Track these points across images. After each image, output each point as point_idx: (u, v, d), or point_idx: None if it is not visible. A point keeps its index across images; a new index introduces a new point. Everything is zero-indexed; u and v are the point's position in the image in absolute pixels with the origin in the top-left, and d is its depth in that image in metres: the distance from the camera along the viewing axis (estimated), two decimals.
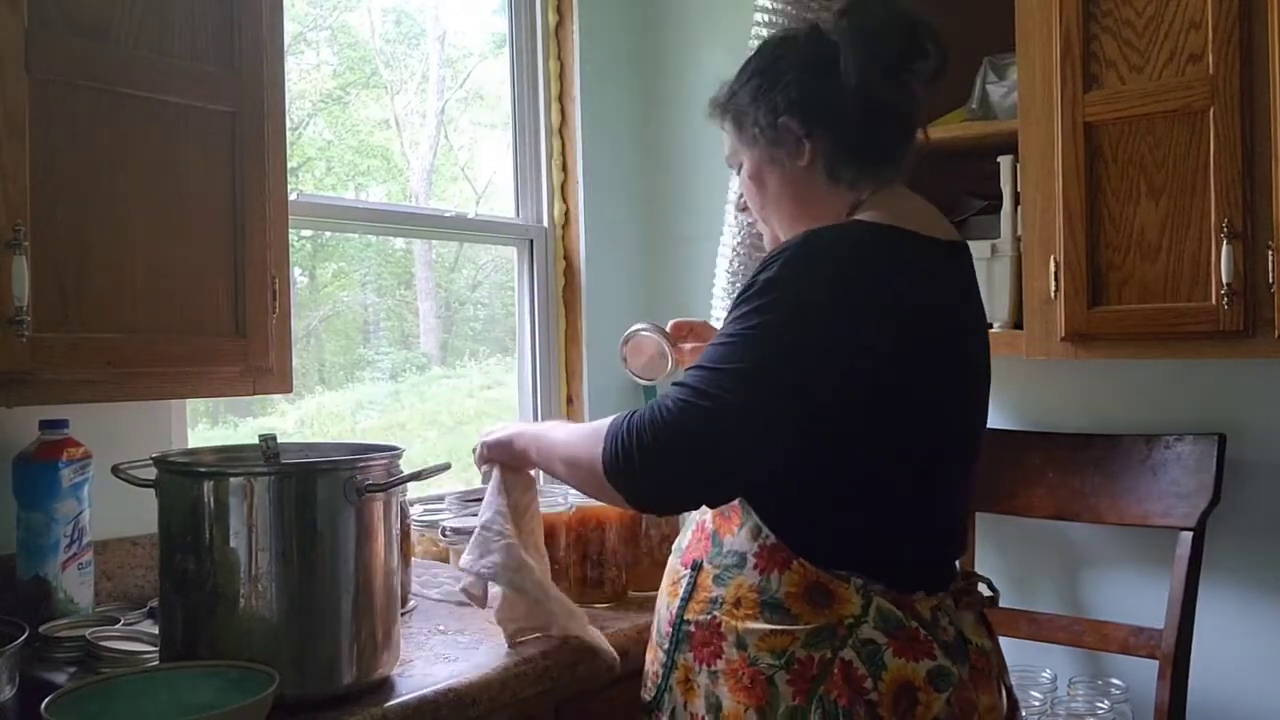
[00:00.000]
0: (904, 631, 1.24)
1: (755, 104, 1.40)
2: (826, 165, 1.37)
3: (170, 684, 1.23)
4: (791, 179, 1.39)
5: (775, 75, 1.40)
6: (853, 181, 1.37)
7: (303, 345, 2.46)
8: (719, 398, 1.19)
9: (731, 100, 1.44)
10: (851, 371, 1.22)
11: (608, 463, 1.23)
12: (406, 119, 2.69)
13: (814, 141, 1.36)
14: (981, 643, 1.32)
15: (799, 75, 1.38)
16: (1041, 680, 2.22)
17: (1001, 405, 2.44)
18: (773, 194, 1.42)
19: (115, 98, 1.44)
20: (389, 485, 1.36)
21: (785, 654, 1.24)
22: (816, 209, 1.37)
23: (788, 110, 1.37)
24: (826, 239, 1.27)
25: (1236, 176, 1.80)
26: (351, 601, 1.32)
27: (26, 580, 1.56)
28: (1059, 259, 1.98)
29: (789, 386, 1.21)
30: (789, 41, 1.43)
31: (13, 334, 1.32)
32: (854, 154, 1.36)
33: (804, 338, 1.21)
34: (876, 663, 1.22)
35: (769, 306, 1.22)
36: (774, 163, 1.40)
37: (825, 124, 1.36)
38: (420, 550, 2.09)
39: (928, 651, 1.24)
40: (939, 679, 1.23)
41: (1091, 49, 1.95)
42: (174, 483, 1.33)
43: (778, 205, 1.42)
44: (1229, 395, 2.15)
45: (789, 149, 1.38)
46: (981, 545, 2.37)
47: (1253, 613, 2.14)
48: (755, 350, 1.20)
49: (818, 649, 1.23)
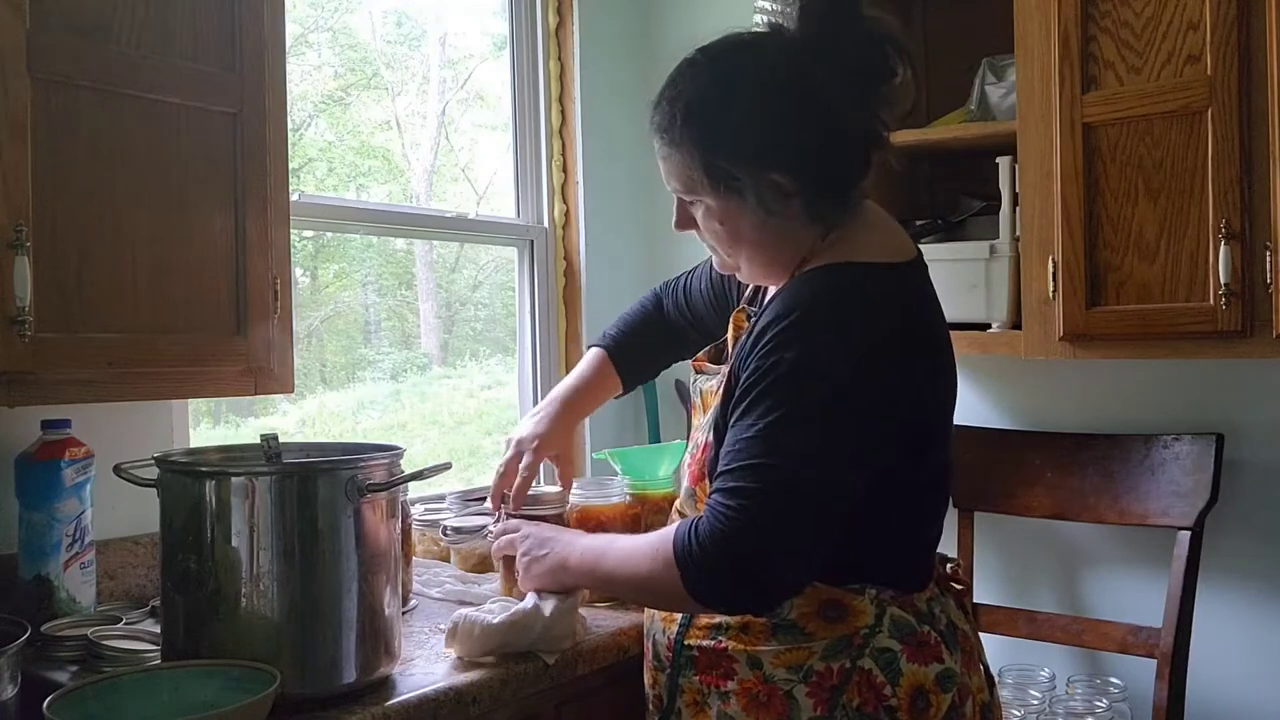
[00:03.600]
0: (915, 637, 1.27)
1: (728, 155, 1.28)
2: (808, 209, 1.31)
3: (172, 683, 1.23)
4: (769, 224, 1.32)
5: (749, 118, 1.27)
6: (832, 220, 1.33)
7: (304, 345, 2.46)
8: (797, 486, 1.17)
9: (687, 127, 1.29)
10: (890, 422, 1.24)
11: (699, 583, 1.20)
12: (407, 120, 2.69)
13: (802, 193, 1.29)
14: (965, 627, 1.36)
15: (781, 122, 1.27)
16: (1040, 679, 2.22)
17: (1000, 405, 2.45)
18: (747, 238, 1.34)
19: (116, 98, 1.45)
20: (390, 485, 1.36)
21: (803, 667, 1.25)
22: (790, 247, 1.34)
23: (777, 167, 1.28)
24: (830, 299, 1.25)
25: (1234, 177, 1.80)
26: (353, 601, 1.33)
27: (28, 580, 1.57)
28: (1057, 259, 1.98)
29: (854, 456, 1.21)
30: (758, 66, 1.30)
31: (15, 334, 1.32)
32: (836, 195, 1.32)
33: (854, 405, 1.20)
34: (894, 670, 1.25)
35: (805, 385, 1.19)
36: (755, 214, 1.31)
37: (812, 171, 1.29)
38: (421, 550, 2.10)
39: (936, 655, 1.27)
40: (945, 680, 1.27)
41: (1090, 50, 1.95)
42: (176, 482, 1.33)
43: (754, 248, 1.35)
44: (1227, 395, 2.16)
45: (772, 201, 1.29)
46: (981, 545, 2.37)
47: (1251, 611, 2.15)
48: (812, 431, 1.18)
49: (836, 659, 1.25)
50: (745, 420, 1.21)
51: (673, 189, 1.37)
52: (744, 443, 1.19)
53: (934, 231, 2.35)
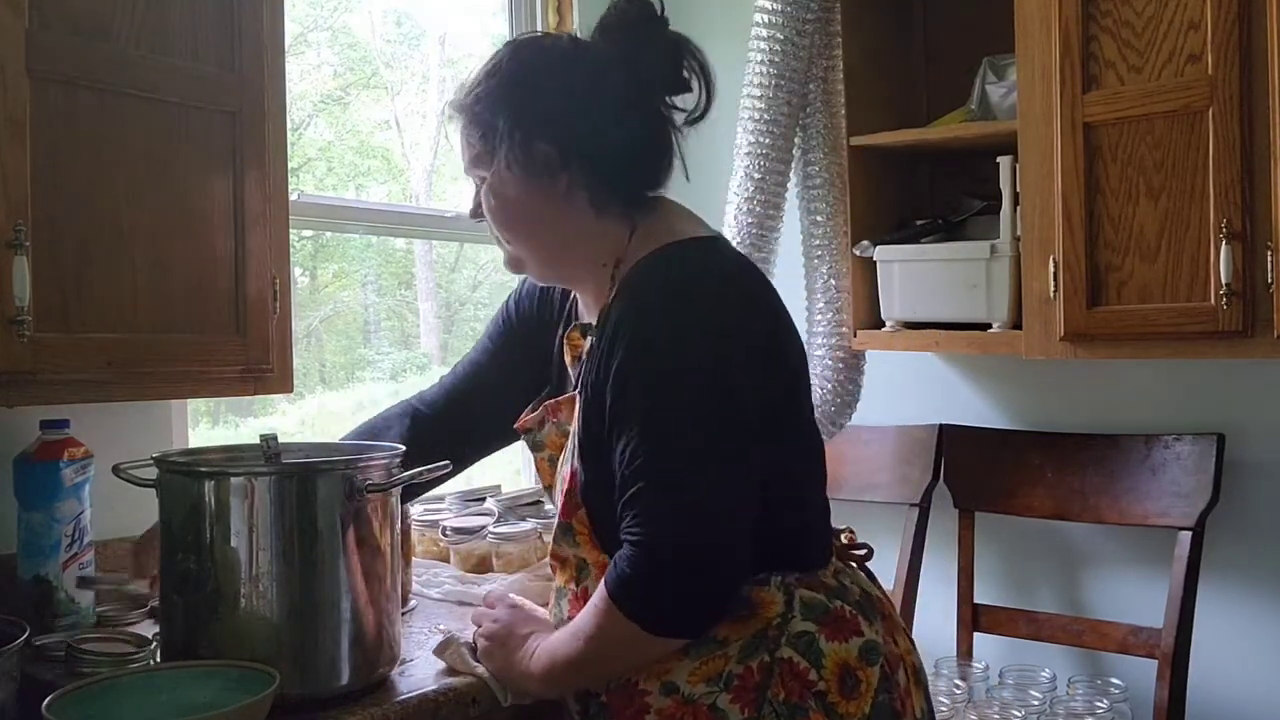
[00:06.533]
0: (829, 615, 1.23)
1: (506, 118, 1.28)
2: (591, 198, 1.29)
3: (171, 683, 1.23)
4: (548, 207, 1.30)
5: (531, 90, 1.28)
6: (623, 213, 1.31)
7: (303, 345, 2.46)
8: (695, 495, 1.16)
9: (475, 104, 1.31)
10: (766, 403, 1.22)
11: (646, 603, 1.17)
12: (407, 119, 2.69)
13: (573, 173, 1.28)
14: (877, 593, 1.34)
15: (560, 96, 1.27)
16: (1041, 680, 2.22)
17: (1001, 405, 2.45)
18: (519, 217, 1.32)
19: (116, 98, 1.44)
20: (389, 485, 1.36)
21: (722, 675, 1.19)
22: (582, 241, 1.32)
23: (545, 136, 1.27)
24: (658, 285, 1.23)
25: (1235, 177, 1.80)
26: (352, 601, 1.32)
27: (27, 580, 1.56)
28: (1058, 259, 1.98)
29: (741, 450, 1.19)
30: (550, 51, 1.32)
31: (14, 334, 1.32)
32: (620, 187, 1.30)
33: (724, 399, 1.19)
34: (814, 652, 1.20)
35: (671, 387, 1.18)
36: (523, 187, 1.30)
37: (587, 155, 1.27)
38: (420, 550, 2.09)
39: (855, 628, 1.24)
40: (870, 652, 1.23)
41: (1091, 49, 1.95)
42: (175, 482, 1.33)
43: (528, 232, 1.34)
44: (1228, 395, 2.16)
45: (542, 176, 1.28)
46: (981, 545, 2.37)
47: (1251, 612, 2.15)
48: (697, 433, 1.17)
49: (754, 657, 1.20)
50: (625, 445, 1.18)
51: (465, 169, 1.38)
52: (633, 472, 1.17)
53: (934, 231, 2.35)
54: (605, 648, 1.21)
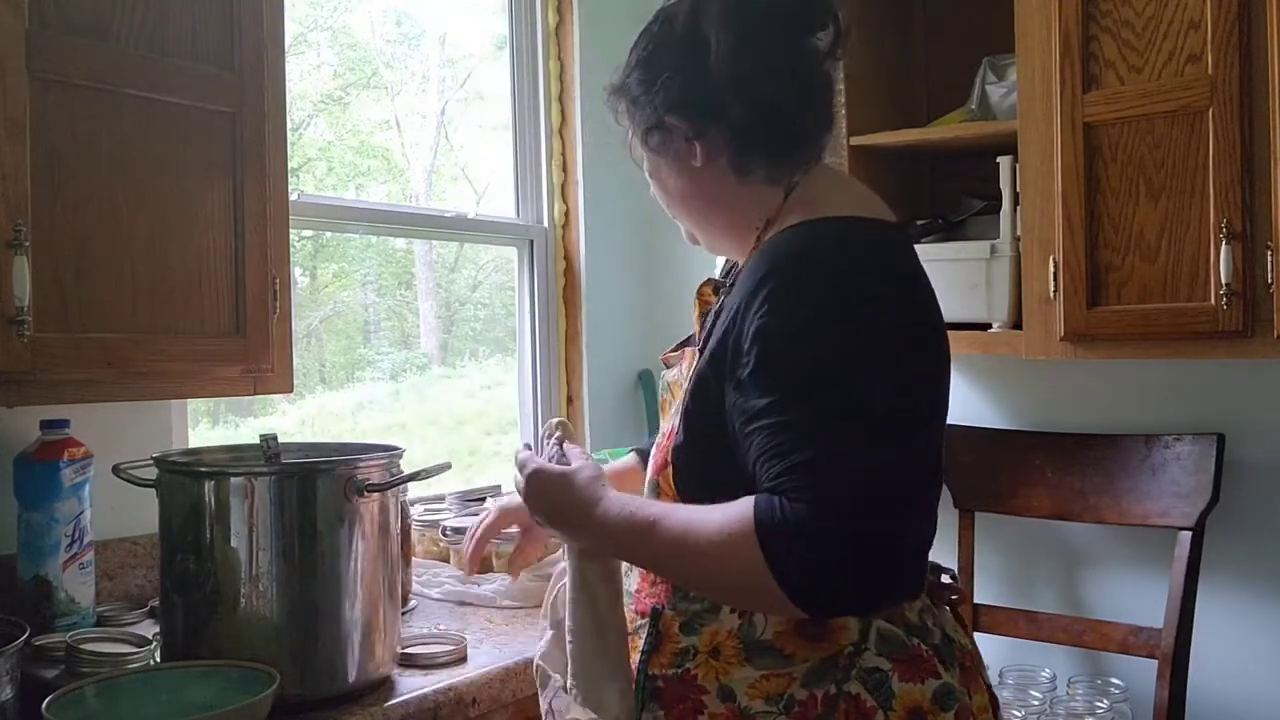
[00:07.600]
0: (906, 652, 1.13)
1: (641, 99, 1.27)
2: (731, 163, 1.24)
3: (171, 683, 1.23)
4: (694, 179, 1.28)
5: (654, 66, 1.26)
6: (769, 175, 1.24)
7: (303, 345, 2.46)
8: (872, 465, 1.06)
9: (625, 87, 1.30)
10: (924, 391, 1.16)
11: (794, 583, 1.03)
12: (407, 119, 2.69)
13: (707, 141, 1.24)
14: (964, 641, 1.24)
15: (678, 67, 1.24)
16: (1041, 680, 2.22)
17: (1001, 405, 2.44)
18: (676, 194, 1.31)
19: (116, 98, 1.44)
20: (389, 485, 1.36)
21: (783, 697, 1.11)
22: (731, 210, 1.28)
23: (670, 109, 1.24)
24: (819, 255, 1.15)
25: (1235, 177, 1.80)
26: (352, 601, 1.33)
27: (27, 580, 1.56)
28: (1058, 259, 1.98)
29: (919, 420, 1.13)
30: (667, 22, 1.28)
31: (14, 334, 1.32)
32: (758, 146, 1.23)
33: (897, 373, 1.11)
34: (885, 692, 1.10)
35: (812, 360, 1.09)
36: (669, 162, 1.29)
37: (715, 120, 1.23)
38: (421, 550, 2.09)
39: (931, 670, 1.13)
40: (945, 698, 1.13)
41: (1091, 49, 1.95)
42: (175, 482, 1.33)
43: (685, 205, 1.32)
44: (1228, 395, 2.16)
45: (679, 149, 1.26)
46: (981, 545, 2.37)
47: (1251, 612, 2.15)
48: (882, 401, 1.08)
49: (819, 685, 1.10)
50: (756, 402, 1.09)
51: (629, 153, 1.36)
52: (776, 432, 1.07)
53: (934, 231, 2.35)
54: (718, 576, 1.11)
